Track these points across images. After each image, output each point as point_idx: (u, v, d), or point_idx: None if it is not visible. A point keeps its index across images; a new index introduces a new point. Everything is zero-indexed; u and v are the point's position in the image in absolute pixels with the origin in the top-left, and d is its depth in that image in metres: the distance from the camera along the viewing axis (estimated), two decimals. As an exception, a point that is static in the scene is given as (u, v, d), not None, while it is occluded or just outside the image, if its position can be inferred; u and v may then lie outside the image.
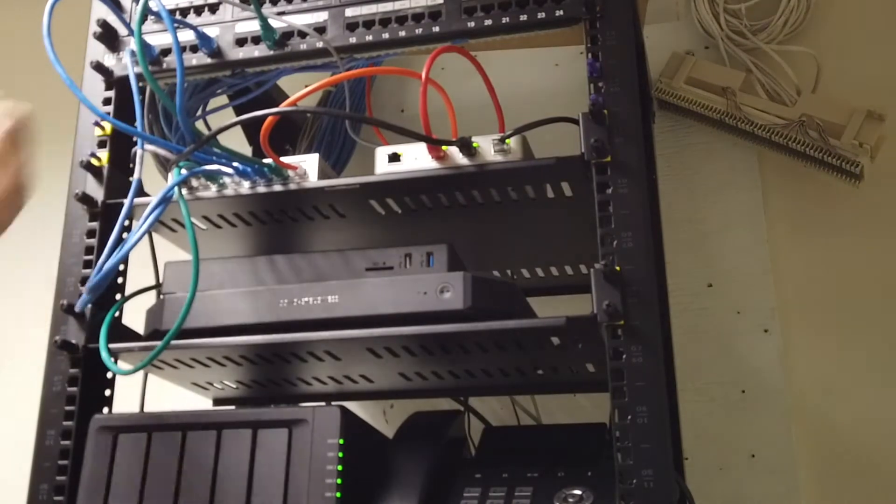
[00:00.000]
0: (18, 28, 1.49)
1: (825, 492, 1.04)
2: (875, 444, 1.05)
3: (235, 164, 0.84)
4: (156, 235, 0.94)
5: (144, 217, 0.80)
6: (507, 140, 0.80)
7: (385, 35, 0.86)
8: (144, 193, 0.87)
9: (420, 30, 0.85)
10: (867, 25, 1.19)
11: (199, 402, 1.03)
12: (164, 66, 0.91)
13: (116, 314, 0.85)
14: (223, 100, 1.05)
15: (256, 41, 0.89)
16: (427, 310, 0.77)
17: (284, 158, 0.85)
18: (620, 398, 0.70)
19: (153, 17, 0.91)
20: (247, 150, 1.09)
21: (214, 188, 0.86)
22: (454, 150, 0.81)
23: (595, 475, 0.77)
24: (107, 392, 0.85)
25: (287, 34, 0.89)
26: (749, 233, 1.14)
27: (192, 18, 0.92)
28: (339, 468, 0.74)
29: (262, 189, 0.85)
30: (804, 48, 1.14)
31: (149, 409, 0.88)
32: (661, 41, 1.20)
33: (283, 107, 0.82)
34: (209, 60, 0.90)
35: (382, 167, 0.84)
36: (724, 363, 1.10)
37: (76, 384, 0.82)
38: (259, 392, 0.99)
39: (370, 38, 0.86)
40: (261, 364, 0.88)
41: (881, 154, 1.05)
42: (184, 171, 0.82)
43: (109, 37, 0.93)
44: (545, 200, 0.84)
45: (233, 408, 1.02)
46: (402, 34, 0.86)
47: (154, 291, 0.92)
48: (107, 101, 0.92)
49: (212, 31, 0.91)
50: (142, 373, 0.93)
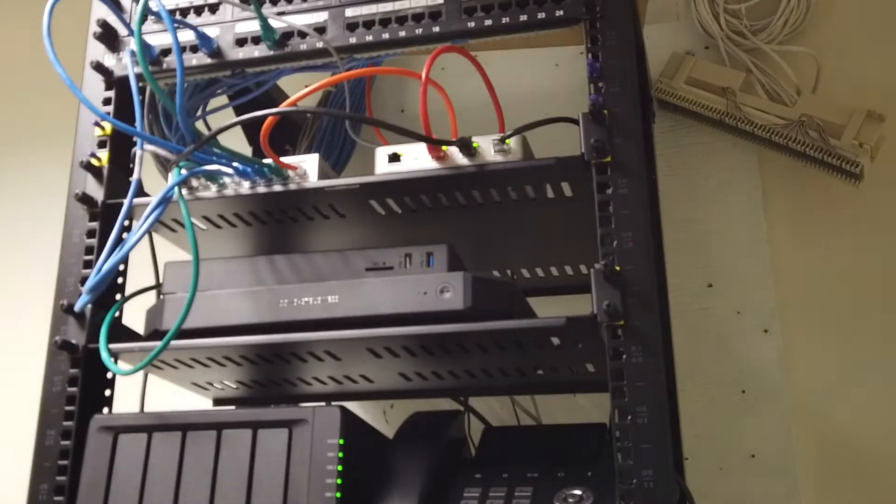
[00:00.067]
0: (18, 28, 1.49)
1: (825, 492, 1.04)
2: (875, 445, 1.05)
3: (235, 165, 0.84)
4: (156, 235, 0.94)
5: (144, 217, 0.80)
6: (507, 140, 0.80)
7: (385, 35, 0.86)
8: (144, 193, 0.87)
9: (420, 30, 0.85)
10: (867, 25, 1.19)
11: (199, 402, 1.03)
12: (164, 66, 0.91)
13: (116, 314, 0.85)
14: (223, 100, 1.05)
15: (256, 41, 0.89)
16: (427, 310, 0.77)
17: (284, 158, 0.85)
18: (620, 398, 0.70)
19: (153, 17, 0.91)
20: (247, 151, 1.09)
21: (214, 188, 0.86)
22: (454, 151, 0.81)
23: (595, 475, 0.77)
24: (107, 392, 0.85)
25: (287, 34, 0.89)
26: (749, 233, 1.14)
27: (192, 18, 0.92)
28: (339, 468, 0.74)
29: (262, 189, 0.85)
30: (804, 48, 1.14)
31: (149, 409, 0.88)
32: (661, 41, 1.20)
33: (283, 107, 0.82)
34: (209, 60, 0.90)
35: (382, 167, 0.84)
36: (724, 363, 1.10)
37: (76, 384, 0.82)
38: (259, 392, 0.99)
39: (370, 39, 0.86)
40: (261, 364, 0.88)
41: (881, 154, 1.05)
42: (184, 172, 0.82)
43: (109, 37, 0.93)
44: (545, 200, 0.84)
45: (233, 408, 1.02)
46: (402, 34, 0.86)
47: (154, 291, 0.93)
48: (107, 101, 0.92)
49: (212, 32, 0.91)
50: (142, 373, 0.93)
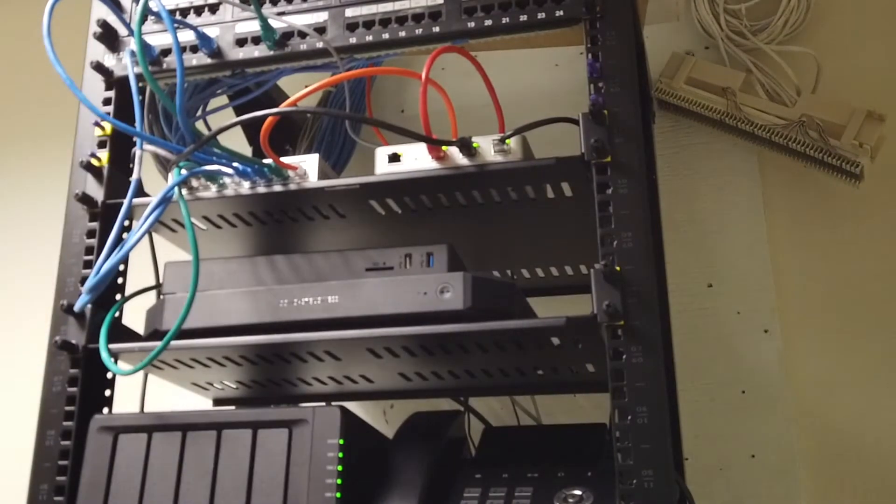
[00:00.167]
0: (18, 28, 1.49)
1: (825, 492, 1.04)
2: (875, 444, 1.05)
3: (235, 165, 0.84)
4: (156, 235, 0.94)
5: (144, 217, 0.80)
6: (507, 140, 0.80)
7: (385, 35, 0.86)
8: (144, 193, 0.87)
9: (420, 30, 0.85)
10: (867, 25, 1.19)
11: (199, 402, 1.03)
12: (164, 67, 0.91)
13: (116, 314, 0.85)
14: (223, 100, 1.05)
15: (256, 41, 0.89)
16: (427, 310, 0.77)
17: (284, 159, 0.85)
18: (620, 398, 0.70)
19: (153, 18, 0.91)
20: (247, 151, 1.09)
21: (214, 188, 0.86)
22: (454, 151, 0.81)
23: (595, 475, 0.77)
24: (107, 392, 0.85)
25: (287, 34, 0.89)
26: (749, 233, 1.14)
27: (192, 19, 0.92)
28: (339, 468, 0.74)
29: (262, 189, 0.85)
30: (804, 48, 1.14)
31: (149, 409, 0.88)
32: (661, 41, 1.20)
33: (283, 107, 0.82)
34: (209, 61, 0.90)
35: (382, 167, 0.84)
36: (724, 363, 1.10)
37: (76, 384, 0.82)
38: (259, 392, 0.99)
39: (370, 39, 0.86)
40: (261, 364, 0.88)
41: (881, 154, 1.05)
42: (184, 172, 0.82)
43: (109, 37, 0.93)
44: (545, 200, 0.84)
45: (233, 408, 1.02)
46: (402, 34, 0.86)
47: (154, 291, 0.93)
48: (107, 102, 0.92)
49: (212, 32, 0.91)
50: (142, 373, 0.93)
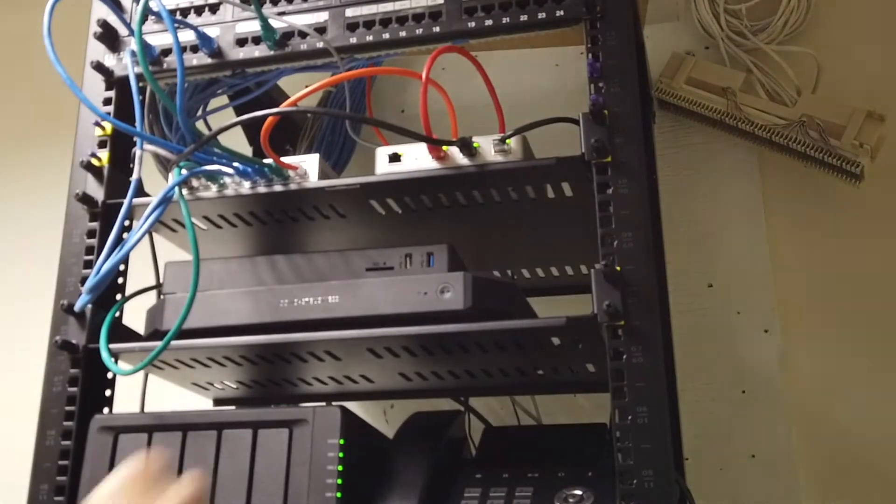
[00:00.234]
0: (18, 28, 1.49)
1: (825, 492, 1.04)
2: (875, 445, 1.05)
3: (236, 165, 0.84)
4: (156, 235, 0.94)
5: (145, 217, 0.80)
6: (508, 140, 0.80)
7: (385, 35, 0.86)
8: (145, 193, 0.87)
9: (420, 30, 0.85)
10: (867, 25, 1.19)
11: (200, 402, 1.03)
12: (165, 66, 0.91)
13: (117, 314, 0.85)
14: (223, 100, 1.05)
15: (257, 41, 0.89)
16: (427, 310, 0.77)
17: (285, 158, 0.85)
18: (620, 398, 0.70)
19: (153, 17, 0.91)
20: (247, 151, 1.09)
21: (215, 188, 0.86)
22: (454, 151, 0.81)
23: (595, 475, 0.77)
24: (107, 392, 0.85)
25: (287, 34, 0.89)
26: (749, 233, 1.14)
27: (193, 18, 0.92)
28: (340, 468, 0.74)
29: (263, 189, 0.85)
30: (804, 48, 1.14)
31: (149, 409, 0.88)
32: (661, 41, 1.20)
33: (284, 107, 0.82)
34: (209, 60, 0.90)
35: (383, 167, 0.84)
36: (724, 363, 1.10)
37: (76, 384, 0.82)
38: (259, 392, 0.99)
39: (370, 39, 0.86)
40: (261, 364, 0.88)
41: (881, 154, 1.05)
42: (184, 172, 0.82)
43: (110, 37, 0.93)
44: (545, 200, 0.84)
45: (233, 408, 1.02)
46: (403, 34, 0.86)
47: (154, 291, 0.93)
48: (107, 101, 0.92)
49: (212, 32, 0.91)
50: (142, 373, 0.93)
